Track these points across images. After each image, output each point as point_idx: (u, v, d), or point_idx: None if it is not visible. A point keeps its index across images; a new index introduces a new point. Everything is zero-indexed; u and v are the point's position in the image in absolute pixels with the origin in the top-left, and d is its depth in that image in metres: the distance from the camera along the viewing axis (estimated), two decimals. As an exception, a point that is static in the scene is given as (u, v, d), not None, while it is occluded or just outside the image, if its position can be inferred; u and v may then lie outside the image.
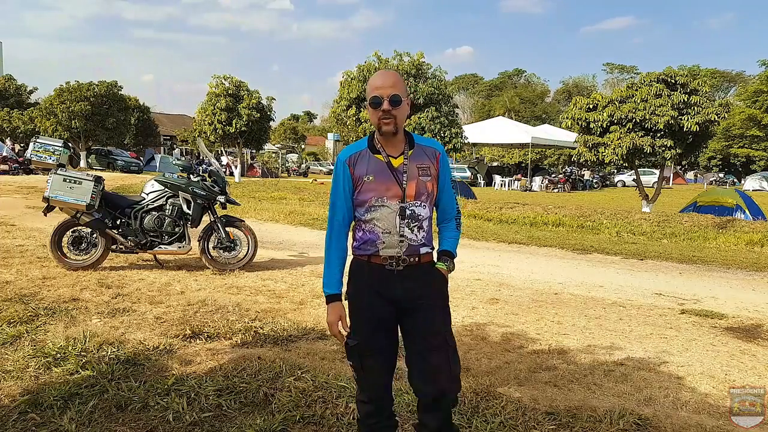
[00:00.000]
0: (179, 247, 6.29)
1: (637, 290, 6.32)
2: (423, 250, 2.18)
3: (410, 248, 2.14)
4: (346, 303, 2.21)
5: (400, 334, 2.24)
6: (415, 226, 2.13)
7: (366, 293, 2.17)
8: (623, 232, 11.58)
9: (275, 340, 4.06)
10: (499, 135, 33.26)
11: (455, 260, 2.32)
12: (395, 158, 2.15)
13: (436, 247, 2.29)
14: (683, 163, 45.18)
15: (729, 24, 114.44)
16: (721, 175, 43.71)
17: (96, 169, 29.31)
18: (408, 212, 2.12)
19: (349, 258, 2.24)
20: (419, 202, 2.14)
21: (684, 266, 8.04)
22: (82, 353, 3.54)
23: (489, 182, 34.04)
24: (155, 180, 6.44)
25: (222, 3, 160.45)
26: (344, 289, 2.23)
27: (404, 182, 2.12)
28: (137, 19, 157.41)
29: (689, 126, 13.19)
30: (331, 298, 2.19)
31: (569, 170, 36.07)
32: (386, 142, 2.15)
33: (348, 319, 2.21)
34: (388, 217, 2.11)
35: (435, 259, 2.25)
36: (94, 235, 6.11)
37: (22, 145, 32.58)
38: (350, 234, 2.24)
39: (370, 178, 2.12)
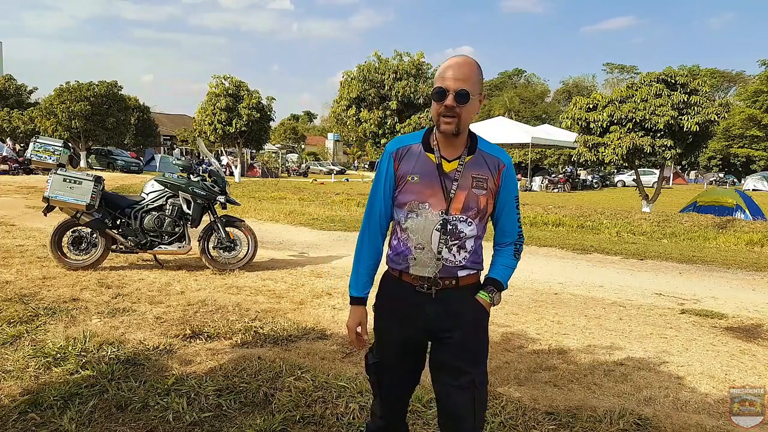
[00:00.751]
0: (179, 247, 6.28)
1: (637, 290, 6.32)
2: (462, 272, 1.87)
3: (445, 269, 1.84)
4: (370, 314, 2.04)
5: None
6: (454, 244, 1.83)
7: (393, 313, 1.94)
8: (623, 232, 11.58)
9: (275, 340, 4.06)
10: (499, 135, 33.06)
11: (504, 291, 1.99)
12: (449, 161, 1.84)
13: (486, 270, 1.98)
14: (683, 163, 45.17)
15: (729, 24, 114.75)
16: (721, 175, 43.71)
17: (96, 169, 29.31)
18: (449, 227, 1.82)
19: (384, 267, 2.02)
20: (465, 217, 1.83)
21: (684, 266, 8.04)
22: (82, 353, 3.53)
23: (489, 182, 33.96)
24: (155, 180, 6.44)
25: (222, 3, 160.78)
26: (369, 295, 2.05)
27: (452, 191, 1.81)
28: (137, 19, 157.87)
29: (689, 126, 13.19)
30: (354, 301, 2.00)
31: (569, 170, 36.08)
32: (444, 141, 1.85)
33: (369, 327, 2.04)
34: (424, 230, 1.82)
35: (480, 281, 1.95)
36: (94, 235, 6.11)
37: (22, 145, 32.61)
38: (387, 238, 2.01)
39: (415, 178, 1.84)
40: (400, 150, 1.89)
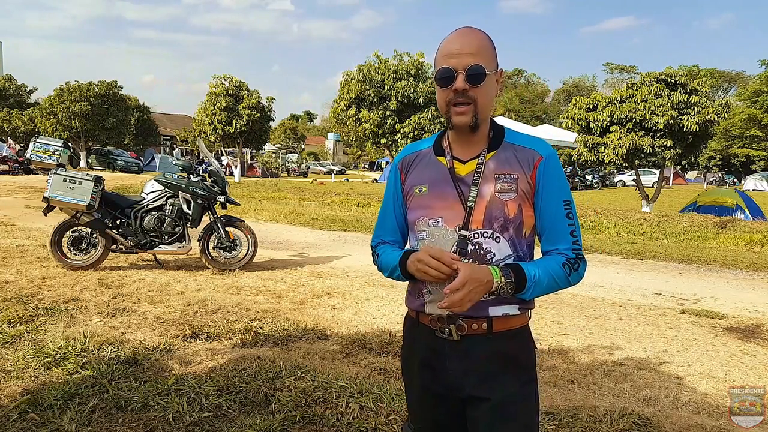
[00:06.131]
0: (179, 247, 6.29)
1: (637, 290, 6.32)
2: (495, 311, 1.40)
3: (471, 306, 1.36)
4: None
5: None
6: None
7: (414, 366, 1.53)
8: (623, 232, 11.58)
9: (275, 340, 4.06)
10: (498, 135, 33.15)
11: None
12: (464, 163, 1.45)
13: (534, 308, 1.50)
14: (683, 163, 45.19)
15: (729, 24, 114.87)
16: (721, 174, 43.70)
17: (96, 169, 29.32)
18: (471, 248, 1.39)
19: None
20: (490, 233, 1.39)
21: (684, 266, 8.04)
22: (82, 353, 3.53)
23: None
24: (155, 180, 6.44)
25: (223, 3, 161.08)
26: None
27: (471, 199, 1.40)
28: (138, 19, 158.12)
29: (689, 126, 13.20)
30: (401, 265, 1.47)
31: (568, 170, 36.08)
32: (460, 139, 1.47)
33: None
34: None
35: (527, 325, 1.49)
36: (94, 235, 6.11)
37: (22, 145, 32.62)
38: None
39: (423, 189, 1.47)
40: (408, 158, 1.54)
